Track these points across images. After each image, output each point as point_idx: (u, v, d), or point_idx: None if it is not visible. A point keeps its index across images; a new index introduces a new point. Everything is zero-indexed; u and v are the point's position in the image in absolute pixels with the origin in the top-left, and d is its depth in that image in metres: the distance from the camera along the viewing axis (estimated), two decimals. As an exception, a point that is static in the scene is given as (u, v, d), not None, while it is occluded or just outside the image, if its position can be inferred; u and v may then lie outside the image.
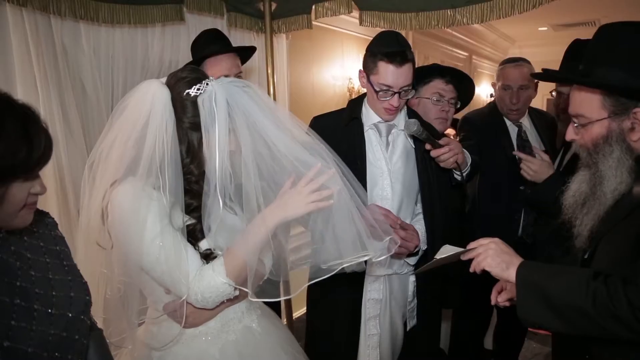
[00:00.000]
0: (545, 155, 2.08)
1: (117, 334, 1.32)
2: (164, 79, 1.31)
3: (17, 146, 0.88)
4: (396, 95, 1.77)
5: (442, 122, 2.23)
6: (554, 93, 2.27)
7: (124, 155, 1.23)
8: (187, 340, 1.33)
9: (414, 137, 1.86)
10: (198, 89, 1.24)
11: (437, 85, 2.23)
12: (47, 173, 1.95)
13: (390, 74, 1.75)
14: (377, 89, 1.79)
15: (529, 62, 2.50)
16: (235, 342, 1.37)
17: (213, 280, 1.21)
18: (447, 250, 1.38)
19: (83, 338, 1.07)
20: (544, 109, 7.51)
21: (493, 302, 1.42)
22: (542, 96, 2.87)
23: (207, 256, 1.28)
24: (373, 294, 1.92)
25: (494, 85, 2.62)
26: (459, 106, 2.31)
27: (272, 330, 1.49)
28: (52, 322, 0.98)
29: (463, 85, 2.30)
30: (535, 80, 2.44)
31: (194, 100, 1.24)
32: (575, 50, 2.09)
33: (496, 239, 1.30)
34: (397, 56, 1.73)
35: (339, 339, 1.91)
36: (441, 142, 1.81)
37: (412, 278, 1.98)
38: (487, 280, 1.33)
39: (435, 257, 1.39)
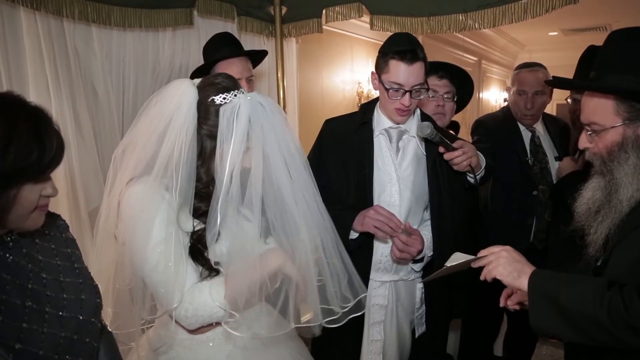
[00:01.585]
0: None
1: (124, 327, 1.32)
2: (198, 80, 1.31)
3: (28, 148, 0.88)
4: (407, 95, 1.75)
5: (440, 117, 2.22)
6: (569, 100, 2.25)
7: (145, 150, 1.23)
8: (194, 346, 1.32)
9: (427, 142, 1.85)
10: (224, 98, 1.24)
11: (430, 82, 2.21)
12: (58, 175, 1.96)
13: (401, 71, 1.73)
14: (388, 87, 1.77)
15: (544, 68, 2.48)
16: (244, 348, 1.35)
17: (208, 301, 1.20)
18: (457, 258, 1.36)
19: (94, 341, 1.07)
20: (554, 114, 7.49)
21: (502, 305, 1.40)
22: (553, 101, 2.86)
23: (212, 269, 1.26)
24: (378, 299, 1.90)
25: (508, 89, 2.61)
26: (455, 99, 2.30)
27: (281, 338, 1.44)
28: (62, 325, 0.98)
29: (459, 80, 2.29)
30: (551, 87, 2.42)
31: (217, 109, 1.23)
32: (590, 56, 2.05)
33: (507, 247, 1.28)
34: (408, 54, 1.72)
35: (343, 343, 1.89)
36: (455, 145, 1.79)
37: (420, 285, 1.96)
38: (497, 286, 1.31)
39: (445, 264, 1.37)
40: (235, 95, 1.25)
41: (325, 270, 1.28)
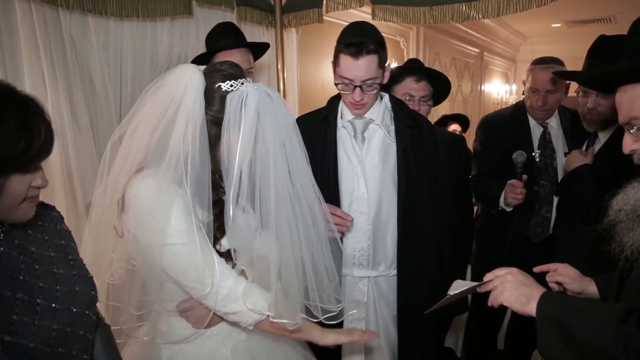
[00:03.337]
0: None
1: (128, 322, 1.30)
2: (202, 67, 1.28)
3: (15, 137, 0.86)
4: (357, 89, 1.69)
5: None
6: (579, 92, 2.18)
7: (151, 139, 1.20)
8: (198, 340, 1.31)
9: (397, 129, 1.81)
10: (231, 86, 1.21)
11: (407, 85, 2.23)
12: (55, 168, 1.94)
13: (350, 66, 1.67)
14: (338, 82, 1.72)
15: (561, 63, 2.42)
16: (247, 341, 1.35)
17: (255, 302, 1.22)
18: (459, 286, 1.29)
19: (88, 333, 1.05)
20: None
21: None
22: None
23: (227, 257, 1.25)
24: (356, 295, 1.85)
25: (524, 83, 2.56)
26: (431, 104, 2.31)
27: None
28: (55, 317, 0.96)
29: (435, 79, 2.29)
30: (567, 82, 2.37)
31: (223, 95, 1.20)
32: (602, 47, 1.99)
33: (513, 269, 1.20)
34: (354, 47, 1.64)
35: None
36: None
37: (397, 280, 1.88)
38: None
39: (447, 293, 1.29)
40: (242, 84, 1.22)
41: (319, 269, 1.27)
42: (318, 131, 1.84)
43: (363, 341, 1.33)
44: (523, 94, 2.57)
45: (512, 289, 1.15)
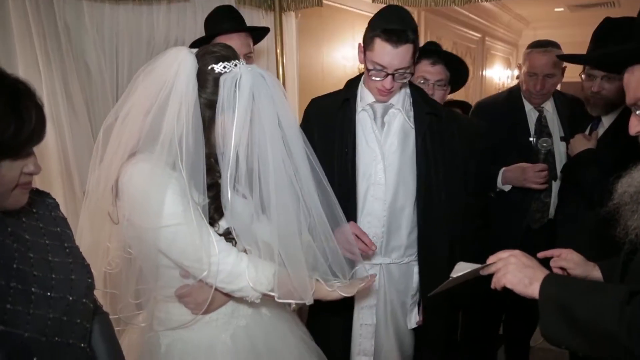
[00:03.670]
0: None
1: (126, 310, 1.30)
2: (195, 50, 1.26)
3: (5, 122, 0.83)
4: (389, 77, 1.66)
5: None
6: (583, 76, 2.15)
7: (144, 123, 1.18)
8: (197, 327, 1.31)
9: (416, 115, 1.78)
10: (224, 67, 1.19)
11: (423, 67, 2.15)
12: (51, 155, 1.92)
13: (386, 53, 1.63)
14: (370, 67, 1.68)
15: (557, 46, 2.37)
16: (246, 327, 1.36)
17: (257, 278, 1.22)
18: (462, 268, 1.28)
19: (85, 322, 1.03)
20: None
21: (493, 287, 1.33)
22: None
23: (227, 236, 1.25)
24: None
25: (519, 67, 2.51)
26: (447, 86, 2.21)
27: (281, 314, 1.48)
28: (51, 306, 0.94)
29: (453, 65, 2.20)
30: (563, 65, 2.33)
31: (216, 77, 1.18)
32: (607, 29, 1.95)
33: (516, 252, 1.19)
34: (395, 35, 1.60)
35: (335, 325, 1.85)
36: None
37: (416, 268, 1.88)
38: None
39: (450, 275, 1.28)
40: (235, 65, 1.20)
41: (318, 250, 1.27)
42: (336, 114, 1.81)
43: (364, 288, 1.35)
44: (517, 77, 2.52)
45: (515, 271, 1.15)
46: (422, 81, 2.13)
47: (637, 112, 1.14)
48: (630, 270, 1.12)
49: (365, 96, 1.81)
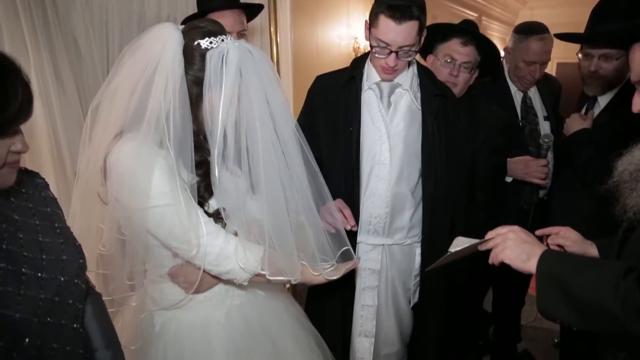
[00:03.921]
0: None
1: (119, 291, 1.29)
2: (182, 26, 1.23)
3: None
4: (393, 55, 1.63)
5: (451, 87, 2.04)
6: (580, 55, 2.13)
7: (130, 102, 1.16)
8: (191, 306, 1.31)
9: (423, 96, 1.75)
10: (211, 43, 1.16)
11: (452, 46, 2.04)
12: (41, 134, 1.89)
13: (390, 30, 1.60)
14: (374, 44, 1.66)
15: (548, 30, 2.34)
16: (240, 306, 1.36)
17: (246, 259, 1.20)
18: (460, 243, 1.28)
19: (78, 302, 1.02)
20: (554, 73, 7.35)
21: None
22: (553, 60, 2.74)
23: (216, 217, 1.24)
24: (370, 263, 1.84)
25: (507, 49, 2.47)
26: (475, 70, 2.10)
27: (275, 294, 1.48)
28: (42, 287, 0.93)
29: (485, 50, 2.09)
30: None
31: (202, 53, 1.16)
32: (607, 7, 1.91)
33: (515, 227, 1.19)
34: (399, 11, 1.57)
35: (336, 307, 1.86)
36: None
37: (418, 250, 1.89)
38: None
39: (448, 250, 1.28)
40: (222, 40, 1.17)
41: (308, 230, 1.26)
42: (342, 92, 1.78)
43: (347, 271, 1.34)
44: (502, 58, 2.47)
45: (513, 247, 1.14)
46: (448, 60, 2.04)
47: None
48: (627, 247, 1.13)
49: (371, 75, 1.78)
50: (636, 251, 1.08)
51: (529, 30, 2.35)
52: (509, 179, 2.35)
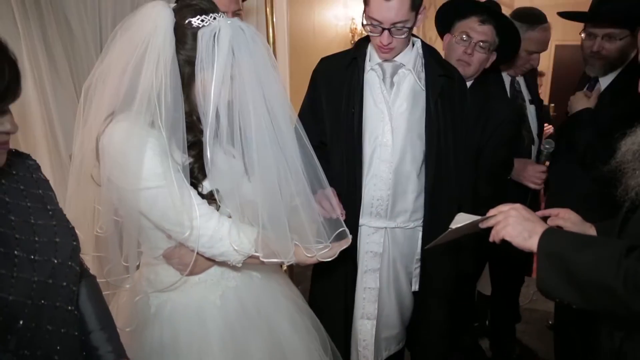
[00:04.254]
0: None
1: (115, 274, 1.29)
2: (173, 4, 1.20)
3: None
4: (385, 32, 1.61)
5: (464, 66, 2.01)
6: (583, 35, 2.09)
7: (122, 82, 1.14)
8: (186, 288, 1.31)
9: (427, 77, 1.73)
10: (202, 21, 1.13)
11: (469, 24, 1.98)
12: (35, 116, 1.87)
13: (379, 7, 1.58)
14: (367, 23, 1.64)
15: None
16: (236, 288, 1.36)
17: (239, 241, 1.20)
18: (462, 219, 1.26)
19: (72, 285, 1.02)
20: (552, 56, 7.26)
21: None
22: (552, 42, 2.70)
23: (210, 199, 1.23)
24: (372, 246, 1.84)
25: None
26: (492, 51, 2.04)
27: (272, 276, 1.48)
28: (35, 269, 0.92)
29: (507, 32, 2.02)
30: None
31: (194, 32, 1.13)
32: None
33: (517, 205, 1.18)
34: None
35: (338, 289, 1.86)
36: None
37: (421, 233, 1.88)
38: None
39: (450, 226, 1.27)
40: (214, 19, 1.14)
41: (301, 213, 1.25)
42: (344, 73, 1.77)
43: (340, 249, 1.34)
44: None
45: (515, 224, 1.14)
46: (464, 37, 1.99)
47: None
48: (628, 227, 1.12)
49: (374, 55, 1.76)
50: (638, 231, 1.08)
51: (533, 20, 2.30)
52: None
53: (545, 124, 2.65)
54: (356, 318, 1.88)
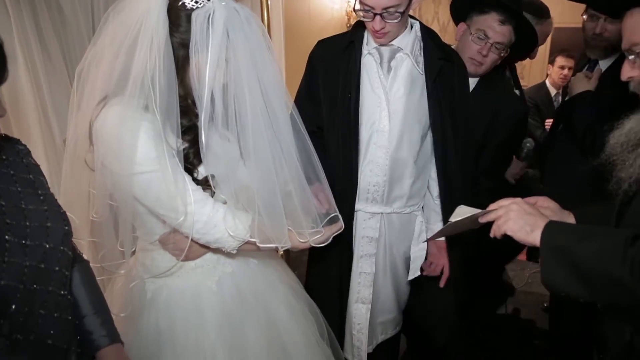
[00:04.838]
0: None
1: (110, 259, 1.28)
2: None
3: None
4: (377, 17, 1.58)
5: (476, 66, 1.96)
6: (585, 16, 2.06)
7: (115, 65, 1.12)
8: (183, 274, 1.31)
9: (426, 60, 1.71)
10: (196, 2, 1.11)
11: (488, 22, 1.90)
12: (28, 102, 1.84)
13: None
14: (359, 8, 1.61)
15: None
16: (232, 273, 1.35)
17: (235, 227, 1.19)
18: (462, 212, 1.25)
19: (64, 269, 1.02)
20: (549, 39, 7.19)
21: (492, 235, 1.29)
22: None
23: (205, 184, 1.22)
24: (368, 231, 1.83)
25: None
26: (504, 54, 1.97)
27: (268, 261, 1.48)
28: (26, 254, 0.92)
29: (524, 31, 1.96)
30: None
31: (188, 14, 1.11)
32: None
33: (518, 199, 1.17)
34: None
35: (333, 274, 1.86)
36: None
37: (420, 218, 1.87)
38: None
39: (449, 220, 1.26)
40: (208, 0, 1.12)
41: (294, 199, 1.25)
42: (341, 57, 1.74)
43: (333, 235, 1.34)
44: None
45: (516, 218, 1.12)
46: (481, 36, 1.91)
47: (630, 58, 1.10)
48: (626, 219, 1.11)
49: (371, 39, 1.73)
50: (636, 222, 1.07)
51: (540, 14, 2.27)
52: None
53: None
54: (351, 302, 1.89)
